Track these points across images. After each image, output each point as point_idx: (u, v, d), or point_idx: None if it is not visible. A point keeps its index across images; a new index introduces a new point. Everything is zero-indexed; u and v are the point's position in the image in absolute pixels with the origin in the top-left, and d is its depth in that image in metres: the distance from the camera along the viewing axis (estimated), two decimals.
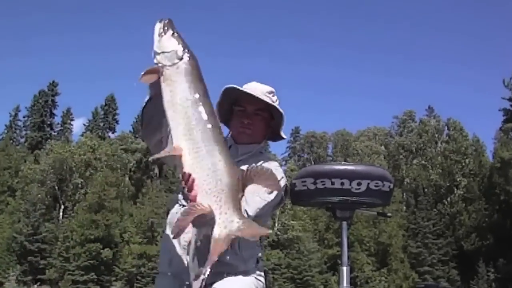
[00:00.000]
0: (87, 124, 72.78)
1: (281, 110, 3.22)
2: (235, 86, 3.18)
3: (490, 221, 54.10)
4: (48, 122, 72.33)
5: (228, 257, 2.97)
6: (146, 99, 2.93)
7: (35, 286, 50.21)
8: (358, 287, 50.89)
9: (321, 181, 3.86)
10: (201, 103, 2.54)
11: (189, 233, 2.97)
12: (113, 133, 73.11)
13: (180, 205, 3.11)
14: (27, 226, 51.44)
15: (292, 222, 51.72)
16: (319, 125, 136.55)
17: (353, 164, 4.81)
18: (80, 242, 49.74)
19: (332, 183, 3.85)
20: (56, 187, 57.63)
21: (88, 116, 74.03)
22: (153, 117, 2.92)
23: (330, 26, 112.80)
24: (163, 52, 2.58)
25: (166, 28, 2.63)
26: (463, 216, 56.86)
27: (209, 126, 2.52)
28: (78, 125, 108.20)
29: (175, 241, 3.07)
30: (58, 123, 73.96)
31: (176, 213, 3.07)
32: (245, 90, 3.20)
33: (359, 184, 3.94)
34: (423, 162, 63.94)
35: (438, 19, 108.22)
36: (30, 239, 51.00)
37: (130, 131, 69.38)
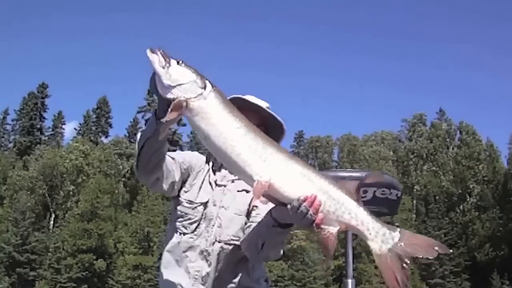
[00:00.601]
0: (78, 128, 72.50)
1: (285, 126, 3.31)
2: (240, 96, 3.26)
3: (504, 231, 54.12)
4: (38, 126, 72.09)
5: (241, 279, 3.17)
6: (141, 139, 2.91)
7: None
8: None
9: None
10: (252, 127, 2.60)
11: (197, 261, 3.15)
12: (106, 137, 73.06)
13: (181, 233, 3.21)
14: (16, 236, 51.49)
15: (295, 231, 51.63)
16: (323, 129, 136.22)
17: (358, 171, 5.28)
18: (72, 252, 49.75)
19: None
20: (46, 195, 57.72)
21: (80, 119, 73.93)
22: (151, 158, 2.94)
23: (336, 27, 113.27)
24: (179, 85, 2.55)
25: (166, 58, 2.58)
26: (476, 225, 56.96)
27: (276, 145, 2.63)
28: (69, 129, 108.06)
29: (182, 271, 3.19)
30: (48, 127, 73.95)
31: (179, 242, 3.20)
32: (252, 102, 3.29)
33: (365, 192, 4.08)
34: (434, 168, 63.92)
35: (449, 20, 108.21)
36: (19, 249, 51.04)
37: (124, 135, 69.30)
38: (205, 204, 3.22)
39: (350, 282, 4.34)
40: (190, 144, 65.52)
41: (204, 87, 2.57)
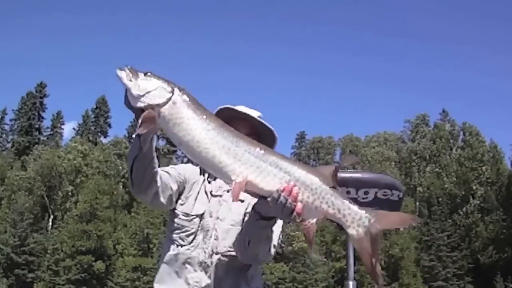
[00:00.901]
0: (77, 128, 72.55)
1: (275, 133, 3.34)
2: (230, 106, 3.31)
3: (508, 233, 54.08)
4: (36, 126, 72.04)
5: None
6: (130, 160, 2.96)
7: None
8: None
9: None
10: (223, 127, 2.65)
11: (197, 272, 3.17)
12: (105, 137, 73.08)
13: (178, 245, 3.25)
14: (14, 237, 51.30)
15: (297, 233, 51.33)
16: (326, 130, 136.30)
17: (360, 172, 4.94)
18: (70, 254, 49.54)
19: None
20: (45, 195, 57.58)
21: (79, 119, 73.86)
22: (144, 175, 2.97)
23: (338, 27, 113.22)
24: (148, 93, 2.60)
25: (133, 71, 2.64)
26: (479, 228, 56.97)
27: (248, 140, 2.69)
28: (68, 129, 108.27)
29: (181, 282, 3.21)
30: (47, 127, 73.90)
31: (177, 254, 3.23)
32: (241, 110, 3.32)
33: (366, 193, 4.06)
34: (437, 169, 63.70)
35: (452, 20, 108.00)
36: (17, 251, 50.84)
37: (124, 136, 69.28)
38: (201, 216, 3.27)
39: (351, 284, 4.30)
40: None
41: (172, 92, 2.63)
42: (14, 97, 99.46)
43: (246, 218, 3.15)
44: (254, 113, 3.37)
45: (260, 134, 3.30)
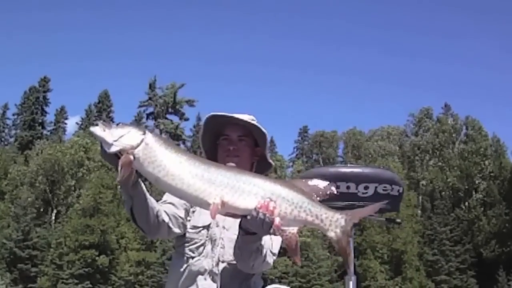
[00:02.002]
0: (80, 123, 72.40)
1: (264, 130, 3.45)
2: (217, 113, 3.43)
3: (511, 227, 54.15)
4: (40, 121, 71.80)
5: None
6: (128, 211, 3.09)
7: None
8: None
9: None
10: (194, 158, 2.78)
11: (207, 281, 3.32)
12: None
13: (188, 257, 3.38)
14: (17, 232, 51.32)
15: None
16: (328, 124, 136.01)
17: (360, 167, 5.09)
18: (74, 248, 49.56)
19: (337, 187, 3.71)
20: (48, 190, 57.58)
21: (82, 114, 73.73)
22: (148, 218, 3.12)
23: (341, 21, 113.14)
24: (121, 137, 2.68)
25: (105, 124, 2.74)
26: (482, 222, 57.12)
27: (219, 165, 2.88)
28: (72, 124, 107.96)
29: None
30: (51, 122, 73.74)
31: (187, 266, 3.37)
32: (228, 114, 3.43)
33: (366, 188, 4.13)
34: (440, 163, 63.81)
35: (455, 14, 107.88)
36: (21, 245, 50.82)
37: None
38: (207, 227, 3.38)
39: (352, 279, 4.41)
40: (193, 138, 65.28)
41: (144, 133, 2.72)
42: (17, 92, 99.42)
43: None
44: (245, 117, 3.45)
45: (253, 135, 3.47)
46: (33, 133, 69.84)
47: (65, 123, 74.31)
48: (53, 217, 57.59)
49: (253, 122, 3.45)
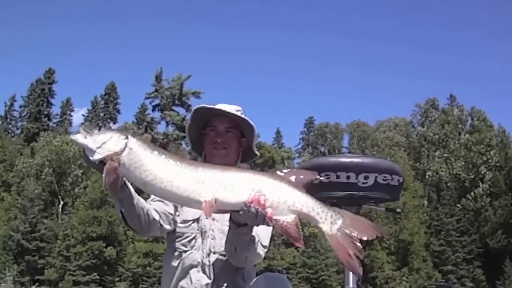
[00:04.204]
0: (86, 115, 72.50)
1: (252, 122, 3.44)
2: (204, 105, 3.45)
3: None
4: (45, 112, 71.88)
5: (239, 286, 3.38)
6: (120, 214, 3.08)
7: (33, 287, 49.66)
8: (377, 287, 50.65)
9: (326, 175, 3.96)
10: (180, 160, 2.70)
11: (199, 273, 3.35)
12: (114, 123, 72.74)
13: (181, 252, 3.40)
14: (24, 223, 50.96)
15: None
16: (334, 115, 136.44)
17: (359, 157, 5.14)
18: (81, 240, 49.18)
19: (338, 177, 4.00)
20: (54, 182, 57.41)
21: (89, 106, 73.77)
22: (140, 219, 3.11)
23: (346, 12, 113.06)
24: (103, 143, 2.63)
25: (87, 130, 2.67)
26: (488, 212, 57.00)
27: (206, 164, 2.94)
28: (78, 116, 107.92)
29: (187, 284, 3.38)
30: (57, 114, 73.93)
31: (180, 261, 3.40)
32: (215, 107, 3.44)
33: (366, 177, 4.05)
34: (446, 154, 63.27)
35: (460, 4, 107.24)
36: (28, 237, 50.49)
37: (133, 122, 68.74)
38: (197, 220, 3.41)
39: (351, 274, 4.30)
40: None
41: (127, 138, 2.67)
42: (23, 84, 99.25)
43: None
44: (231, 108, 3.46)
45: (240, 127, 3.48)
46: (39, 125, 70.01)
47: (71, 115, 74.42)
48: (60, 209, 57.36)
49: (240, 114, 3.45)
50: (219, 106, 3.47)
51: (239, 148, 3.51)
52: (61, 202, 57.64)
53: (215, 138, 3.42)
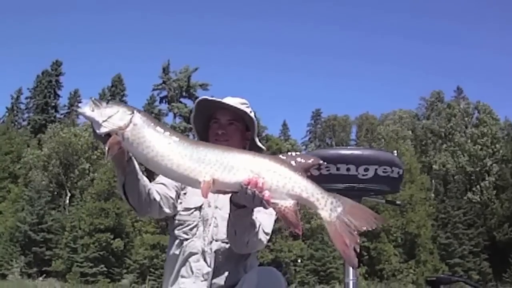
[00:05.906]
0: None
1: (253, 116, 3.42)
2: (206, 97, 3.41)
3: None
4: (53, 104, 71.71)
5: (240, 275, 3.24)
6: (120, 189, 3.05)
7: (40, 278, 49.16)
8: (384, 280, 50.55)
9: (326, 167, 3.92)
10: (183, 138, 2.63)
11: (200, 261, 3.27)
12: None
13: (182, 240, 3.35)
14: (32, 215, 50.75)
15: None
16: (341, 108, 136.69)
17: (359, 149, 4.92)
18: (88, 232, 48.83)
19: (338, 169, 3.98)
20: (61, 173, 57.14)
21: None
22: (140, 196, 3.08)
23: (353, 5, 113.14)
24: (109, 117, 2.60)
25: (96, 102, 2.63)
26: (495, 205, 57.08)
27: (207, 144, 2.82)
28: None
29: (187, 273, 3.30)
30: (64, 106, 73.75)
31: (182, 249, 3.33)
32: (216, 99, 3.40)
33: (366, 169, 4.03)
34: (452, 147, 62.91)
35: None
36: (35, 228, 50.31)
37: None
38: (199, 208, 3.38)
39: (351, 269, 4.28)
40: None
41: (132, 114, 2.63)
42: (30, 76, 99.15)
43: None
44: (236, 101, 3.44)
45: (245, 120, 3.44)
46: (46, 117, 69.94)
47: (79, 107, 73.46)
48: (67, 201, 57.16)
49: (241, 107, 3.41)
50: (225, 99, 3.46)
51: (243, 141, 3.47)
52: (68, 194, 57.34)
53: (217, 130, 3.40)
